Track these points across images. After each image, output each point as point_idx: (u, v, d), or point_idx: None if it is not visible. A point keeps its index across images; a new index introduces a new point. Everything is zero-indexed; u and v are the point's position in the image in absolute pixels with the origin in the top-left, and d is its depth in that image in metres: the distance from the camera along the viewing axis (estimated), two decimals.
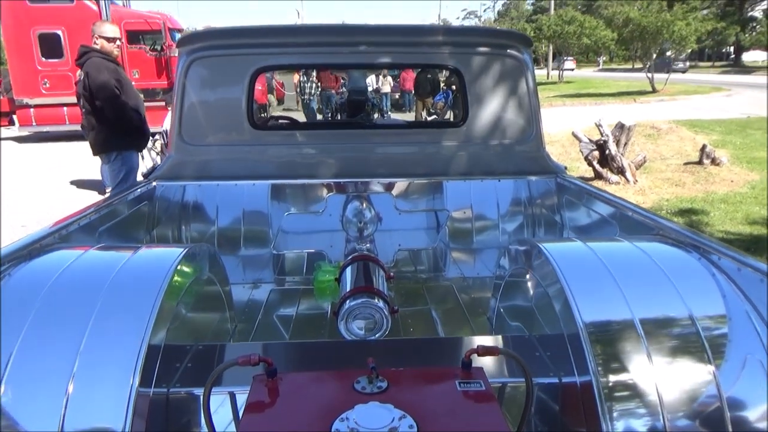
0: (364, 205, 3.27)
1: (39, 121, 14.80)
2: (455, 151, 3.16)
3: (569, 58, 41.69)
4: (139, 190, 2.93)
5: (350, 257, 2.63)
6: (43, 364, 1.52)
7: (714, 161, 8.58)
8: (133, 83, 5.32)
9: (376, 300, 2.27)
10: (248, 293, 3.14)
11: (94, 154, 5.05)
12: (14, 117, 15.69)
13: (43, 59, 14.46)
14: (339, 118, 10.66)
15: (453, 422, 1.38)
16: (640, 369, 1.54)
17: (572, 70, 40.88)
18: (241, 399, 1.56)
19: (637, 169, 8.05)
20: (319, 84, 16.12)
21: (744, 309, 1.69)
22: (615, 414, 1.50)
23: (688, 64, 28.23)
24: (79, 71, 7.95)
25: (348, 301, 2.26)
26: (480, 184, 3.25)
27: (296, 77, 16.58)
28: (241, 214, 3.27)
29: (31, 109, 14.71)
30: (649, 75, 26.30)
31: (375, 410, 1.29)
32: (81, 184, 9.42)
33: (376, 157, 3.16)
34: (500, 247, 3.21)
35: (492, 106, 3.16)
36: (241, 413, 1.43)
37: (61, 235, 2.21)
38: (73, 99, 8.14)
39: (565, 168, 3.32)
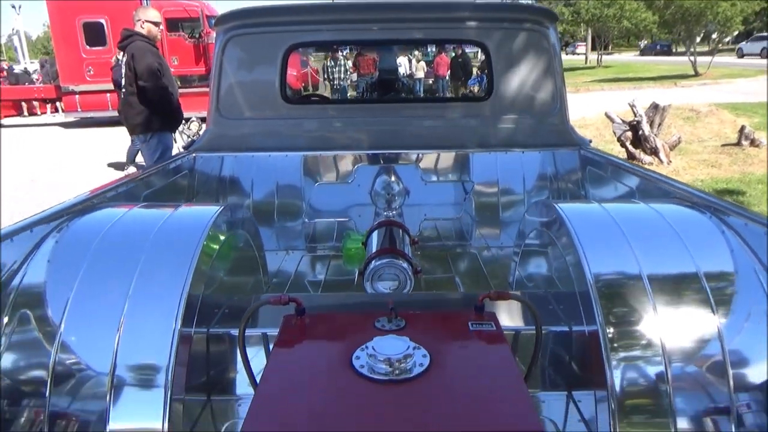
0: (392, 178, 3.38)
1: (84, 107, 15.35)
2: (481, 124, 3.25)
3: (581, 43, 41.00)
4: (180, 160, 3.12)
5: (376, 222, 2.76)
6: (96, 307, 1.70)
7: (753, 143, 8.38)
8: (171, 69, 5.58)
9: (401, 261, 2.39)
10: (281, 260, 3.30)
11: (132, 133, 5.31)
12: (58, 104, 16.35)
13: (88, 47, 14.98)
14: (370, 95, 10.80)
15: (464, 356, 1.50)
16: (646, 321, 1.63)
17: (583, 54, 40.19)
18: (273, 341, 1.70)
19: (671, 150, 7.94)
20: (348, 69, 16.18)
21: (750, 263, 1.75)
22: (619, 362, 1.59)
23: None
24: (114, 56, 8.24)
25: (373, 262, 2.39)
26: (505, 157, 3.33)
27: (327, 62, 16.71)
28: (275, 185, 3.43)
29: (77, 96, 15.27)
30: (692, 58, 25.53)
31: (392, 341, 1.42)
32: (119, 166, 9.80)
33: (404, 130, 3.27)
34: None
35: (517, 80, 3.23)
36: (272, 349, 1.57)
37: (107, 198, 2.40)
38: None
39: (590, 142, 3.36)
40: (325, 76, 16.27)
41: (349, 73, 16.27)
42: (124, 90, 5.23)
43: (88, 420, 1.57)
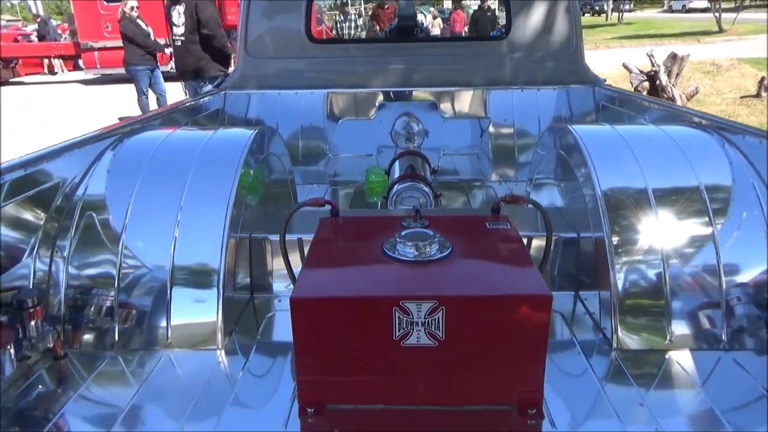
0: (411, 118, 3.53)
1: (102, 63, 15.47)
2: (498, 62, 3.37)
3: None
4: (210, 97, 3.29)
5: (398, 153, 2.93)
6: (153, 214, 1.91)
7: None
8: None
9: (422, 185, 2.57)
10: (306, 192, 3.50)
11: (186, 79, 5.66)
12: (78, 60, 16.50)
13: (105, 3, 15.00)
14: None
15: (481, 246, 1.69)
16: (648, 228, 1.81)
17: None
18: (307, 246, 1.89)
19: (688, 100, 7.93)
20: (359, 26, 16.06)
21: (747, 174, 1.90)
22: (622, 265, 1.78)
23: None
24: (120, 9, 8.51)
25: (396, 185, 2.57)
26: (521, 94, 3.46)
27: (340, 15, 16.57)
28: (301, 121, 3.59)
29: (95, 53, 15.38)
30: (717, 14, 24.84)
31: (417, 231, 1.61)
32: None
33: (424, 69, 3.40)
34: None
35: (533, 19, 3.33)
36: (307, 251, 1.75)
37: (145, 125, 2.59)
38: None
39: (605, 81, 3.47)
40: (336, 33, 16.21)
41: (360, 29, 16.17)
42: (183, 38, 5.58)
43: (151, 312, 1.80)
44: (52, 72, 19.51)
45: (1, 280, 1.61)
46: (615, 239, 1.82)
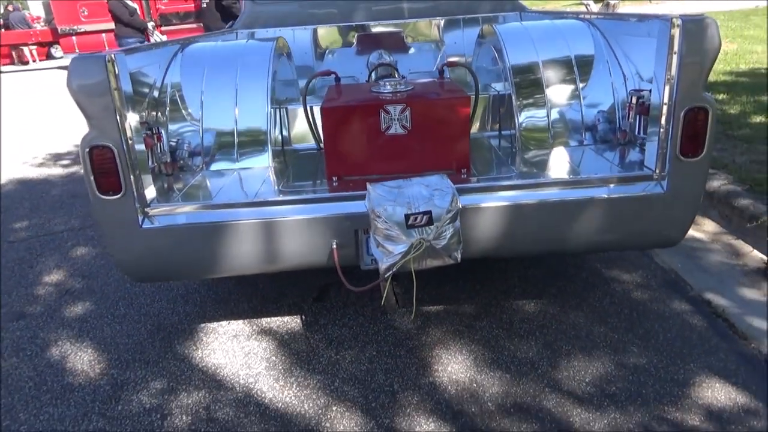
0: (384, 51, 4.47)
1: (81, 47, 15.98)
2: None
3: None
4: (225, 34, 4.22)
5: (374, 65, 3.90)
6: (220, 93, 2.85)
7: None
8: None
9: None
10: None
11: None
12: (51, 49, 16.90)
13: None
14: None
15: (431, 86, 2.71)
16: (538, 86, 2.82)
17: None
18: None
19: None
20: None
21: (603, 49, 2.93)
22: (522, 110, 2.79)
23: None
24: None
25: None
26: (466, 23, 4.45)
27: None
28: (294, 51, 4.50)
29: (74, 37, 15.91)
30: None
31: (392, 79, 2.62)
32: None
33: (391, 5, 4.37)
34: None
35: None
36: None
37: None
38: (111, 25, 9.42)
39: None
40: None
41: None
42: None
43: (226, 159, 2.76)
44: (22, 62, 19.77)
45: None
46: (517, 93, 2.83)
